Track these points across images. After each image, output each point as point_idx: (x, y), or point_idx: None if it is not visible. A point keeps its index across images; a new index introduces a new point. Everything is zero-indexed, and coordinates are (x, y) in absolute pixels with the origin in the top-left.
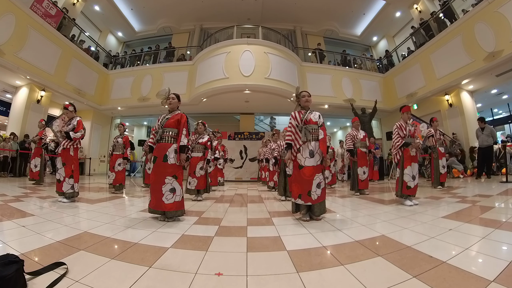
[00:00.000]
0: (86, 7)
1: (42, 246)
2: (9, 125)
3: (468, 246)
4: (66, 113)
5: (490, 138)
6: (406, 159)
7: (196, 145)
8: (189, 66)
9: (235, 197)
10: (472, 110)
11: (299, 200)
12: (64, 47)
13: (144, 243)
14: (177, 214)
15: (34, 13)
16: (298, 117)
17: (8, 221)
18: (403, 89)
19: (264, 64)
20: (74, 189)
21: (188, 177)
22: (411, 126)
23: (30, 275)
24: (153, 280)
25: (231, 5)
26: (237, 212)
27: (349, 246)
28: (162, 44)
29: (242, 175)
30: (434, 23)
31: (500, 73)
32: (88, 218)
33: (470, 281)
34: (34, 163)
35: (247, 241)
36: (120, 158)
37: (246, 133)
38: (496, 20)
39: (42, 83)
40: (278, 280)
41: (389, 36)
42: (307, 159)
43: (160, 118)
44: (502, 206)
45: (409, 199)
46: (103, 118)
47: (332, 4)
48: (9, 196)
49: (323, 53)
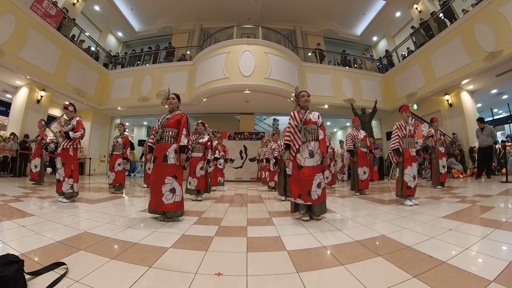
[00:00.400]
0: (86, 7)
1: (42, 246)
2: (9, 125)
3: (468, 246)
4: (66, 113)
5: (490, 138)
6: (407, 159)
7: (196, 145)
8: (189, 66)
9: (235, 197)
10: (472, 110)
11: (299, 200)
12: (64, 47)
13: (144, 243)
14: (176, 215)
15: (34, 13)
16: (297, 117)
17: (8, 221)
18: (403, 89)
19: (264, 64)
20: (73, 189)
21: (188, 177)
22: (411, 126)
23: (30, 275)
24: (153, 280)
25: (231, 5)
26: (237, 212)
27: (349, 246)
28: (162, 44)
29: (242, 175)
30: (434, 23)
31: (500, 73)
32: (88, 218)
33: (470, 281)
34: (34, 164)
35: (247, 241)
36: (120, 158)
37: (246, 133)
38: (496, 20)
39: (42, 83)
40: (278, 280)
41: (389, 36)
42: (306, 159)
43: (160, 118)
44: (502, 206)
45: (409, 199)
46: (103, 118)
47: (332, 4)
48: (9, 196)
49: (323, 53)
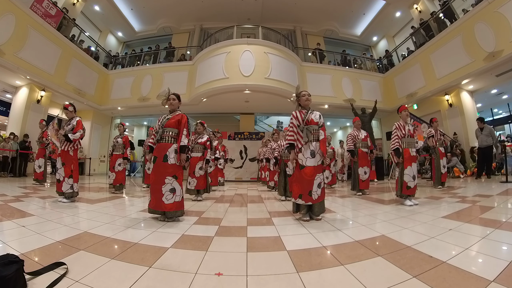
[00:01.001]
0: (86, 7)
1: (42, 246)
2: (9, 125)
3: (468, 246)
4: (66, 113)
5: (490, 138)
6: (406, 159)
7: (195, 145)
8: (189, 66)
9: (235, 197)
10: (472, 110)
11: (300, 200)
12: (64, 47)
13: (144, 243)
14: (176, 215)
15: (34, 13)
16: (299, 117)
17: (8, 221)
18: (403, 89)
19: (264, 64)
20: (73, 189)
21: (188, 177)
22: (411, 126)
23: (30, 275)
24: (153, 280)
25: (231, 5)
26: (237, 212)
27: (349, 246)
28: (162, 44)
29: (242, 175)
30: (434, 23)
31: (500, 73)
32: (88, 218)
33: (470, 281)
34: (38, 164)
35: (247, 241)
36: (120, 158)
37: (246, 133)
38: (496, 20)
39: (42, 83)
40: (278, 280)
41: (389, 36)
42: (308, 159)
43: (160, 119)
44: (502, 206)
45: (409, 199)
46: (103, 118)
47: (332, 4)
48: (9, 196)
49: (323, 53)
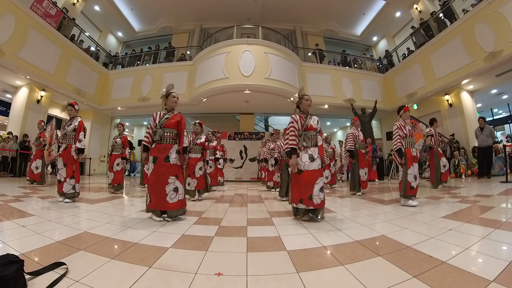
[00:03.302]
0: (86, 7)
1: (42, 246)
2: (9, 125)
3: (468, 246)
4: (70, 109)
5: (490, 138)
6: (409, 159)
7: (194, 146)
8: (189, 66)
9: (235, 197)
10: (472, 110)
11: (301, 205)
12: (64, 47)
13: (144, 243)
14: (179, 213)
15: (34, 13)
16: (300, 122)
17: (8, 221)
18: (403, 89)
19: (264, 64)
20: (75, 189)
21: (188, 178)
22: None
23: (30, 275)
24: (153, 280)
25: (231, 5)
26: (237, 212)
27: (349, 246)
28: (162, 44)
29: (242, 175)
30: (434, 23)
31: (500, 73)
32: (88, 218)
33: (470, 281)
34: (35, 165)
35: (247, 241)
36: (119, 158)
37: (246, 133)
38: (496, 20)
39: (42, 83)
40: (278, 280)
41: (389, 36)
42: (307, 163)
43: (156, 117)
44: (502, 206)
45: (412, 199)
46: (103, 118)
47: (332, 4)
48: (9, 196)
49: (323, 53)
